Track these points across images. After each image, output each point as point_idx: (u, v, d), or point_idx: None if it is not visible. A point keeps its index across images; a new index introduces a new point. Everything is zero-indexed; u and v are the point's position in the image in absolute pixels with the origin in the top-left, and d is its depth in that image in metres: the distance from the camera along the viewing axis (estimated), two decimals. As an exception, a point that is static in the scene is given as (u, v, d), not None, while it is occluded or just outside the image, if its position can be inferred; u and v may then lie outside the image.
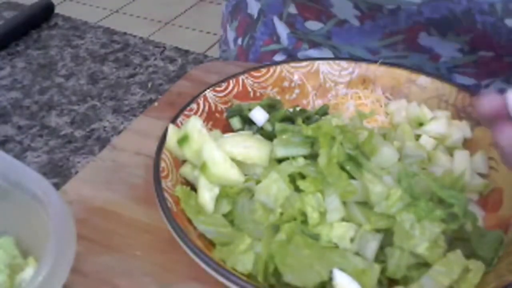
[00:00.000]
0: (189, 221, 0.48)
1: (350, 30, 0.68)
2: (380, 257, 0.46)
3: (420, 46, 0.66)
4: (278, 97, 0.61)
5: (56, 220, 0.39)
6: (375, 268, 0.44)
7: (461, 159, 0.54)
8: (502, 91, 0.70)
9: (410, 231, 0.45)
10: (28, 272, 0.42)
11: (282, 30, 0.75)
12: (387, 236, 0.46)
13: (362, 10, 0.64)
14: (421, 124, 0.57)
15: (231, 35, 0.83)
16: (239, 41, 0.80)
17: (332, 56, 0.71)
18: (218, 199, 0.49)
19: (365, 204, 0.48)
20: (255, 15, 0.78)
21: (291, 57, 0.75)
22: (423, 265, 0.45)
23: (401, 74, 0.61)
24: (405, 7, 0.61)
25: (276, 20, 0.75)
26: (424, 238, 0.45)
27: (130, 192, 0.55)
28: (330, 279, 0.44)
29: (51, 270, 0.36)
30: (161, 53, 0.78)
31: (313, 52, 0.73)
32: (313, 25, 0.71)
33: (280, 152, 0.51)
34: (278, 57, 0.76)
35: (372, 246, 0.45)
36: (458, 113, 0.58)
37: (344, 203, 0.47)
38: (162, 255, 0.49)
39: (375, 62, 0.62)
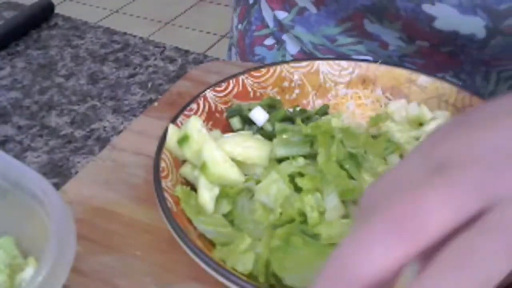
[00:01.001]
0: (189, 221, 0.48)
1: (310, 18, 0.70)
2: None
3: (369, 33, 0.67)
4: (278, 97, 0.61)
5: (56, 220, 0.39)
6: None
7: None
8: None
9: None
10: (28, 272, 0.42)
11: (268, 12, 0.77)
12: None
13: None
14: (421, 124, 0.57)
15: (235, 21, 0.85)
16: (240, 26, 0.83)
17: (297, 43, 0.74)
18: (218, 199, 0.49)
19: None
20: (251, 1, 0.80)
21: (278, 42, 0.78)
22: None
23: (401, 74, 0.61)
24: None
25: (263, 3, 0.76)
26: None
27: (130, 192, 0.55)
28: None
29: (51, 270, 0.36)
30: (161, 53, 0.78)
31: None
32: (280, 14, 0.73)
33: (280, 152, 0.51)
34: (268, 41, 0.79)
35: (372, 246, 0.45)
36: (458, 113, 0.58)
37: (343, 202, 0.47)
38: (162, 255, 0.49)
39: (375, 62, 0.62)
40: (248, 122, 0.58)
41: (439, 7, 0.60)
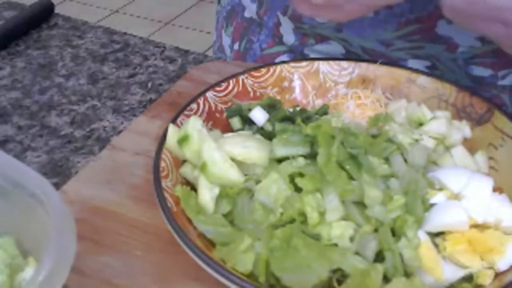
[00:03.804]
0: (189, 221, 0.48)
1: (363, 22, 0.67)
2: (382, 256, 0.46)
3: (438, 35, 0.65)
4: (278, 97, 0.61)
5: (56, 220, 0.39)
6: (377, 269, 0.44)
7: (460, 154, 0.55)
8: None
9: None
10: (28, 272, 0.42)
11: (287, 26, 0.74)
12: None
13: None
14: (421, 124, 0.57)
15: (226, 41, 0.82)
16: (236, 46, 0.80)
17: (342, 50, 0.71)
18: (218, 199, 0.49)
19: (364, 204, 0.48)
20: (255, 17, 0.77)
21: (296, 57, 0.74)
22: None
23: (401, 74, 0.61)
24: None
25: (280, 15, 0.74)
26: (411, 246, 0.45)
27: (130, 192, 0.55)
28: (330, 278, 0.44)
29: (51, 270, 0.36)
30: (161, 53, 0.78)
31: (321, 47, 0.72)
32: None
33: (280, 152, 0.51)
34: (280, 59, 0.75)
35: (372, 246, 0.45)
36: (458, 113, 0.58)
37: (343, 202, 0.47)
38: (162, 255, 0.49)
39: (375, 62, 0.62)
40: (248, 122, 0.58)
41: None
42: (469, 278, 0.46)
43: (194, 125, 0.51)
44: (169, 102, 0.65)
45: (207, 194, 0.49)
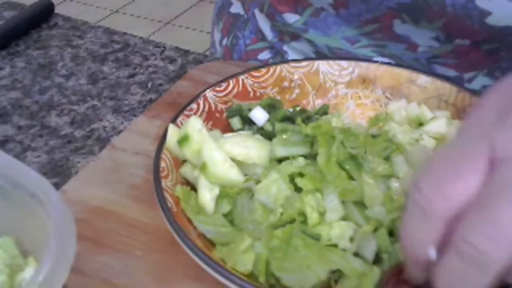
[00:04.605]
0: (189, 221, 0.48)
1: (327, 19, 0.67)
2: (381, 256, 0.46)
3: (397, 35, 0.65)
4: (278, 97, 0.61)
5: (56, 220, 0.39)
6: (375, 271, 0.44)
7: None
8: (485, 88, 0.69)
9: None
10: (28, 272, 0.42)
11: (264, 23, 0.74)
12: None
13: None
14: (421, 124, 0.57)
15: (217, 36, 0.83)
16: (224, 41, 0.81)
17: (313, 48, 0.71)
18: (218, 199, 0.49)
19: (363, 204, 0.48)
20: (241, 13, 0.77)
21: (277, 53, 0.75)
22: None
23: (401, 74, 0.61)
24: None
25: (257, 13, 0.74)
26: None
27: (130, 192, 0.55)
28: (329, 278, 0.44)
29: (51, 270, 0.36)
30: (161, 53, 0.78)
31: (296, 44, 0.73)
32: (290, 17, 0.70)
33: (280, 152, 0.51)
34: (262, 56, 0.76)
35: (371, 246, 0.45)
36: (458, 113, 0.58)
37: (343, 202, 0.47)
38: (162, 255, 0.49)
39: (375, 62, 0.62)
40: (248, 122, 0.58)
41: (495, 2, 0.58)
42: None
43: (194, 125, 0.51)
44: (169, 102, 0.65)
45: (207, 194, 0.49)
